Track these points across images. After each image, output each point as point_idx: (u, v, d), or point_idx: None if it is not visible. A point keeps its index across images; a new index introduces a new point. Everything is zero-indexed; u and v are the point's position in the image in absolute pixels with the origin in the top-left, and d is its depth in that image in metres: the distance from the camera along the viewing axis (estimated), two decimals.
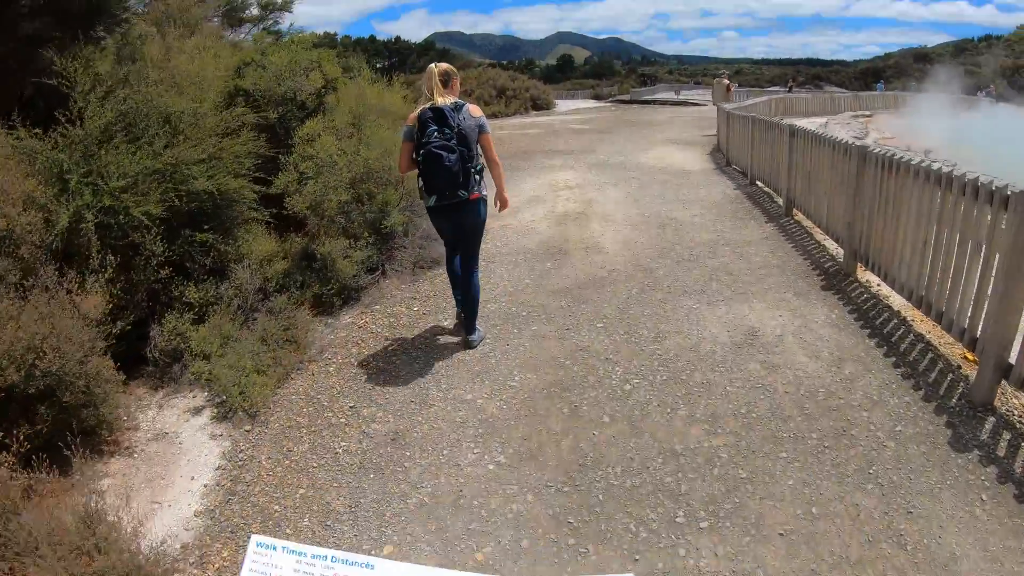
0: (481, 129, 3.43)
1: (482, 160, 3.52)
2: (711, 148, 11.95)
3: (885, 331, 3.83)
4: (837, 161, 5.01)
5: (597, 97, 48.18)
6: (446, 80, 3.39)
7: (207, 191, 3.99)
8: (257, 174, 4.55)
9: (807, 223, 6.11)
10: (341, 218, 5.17)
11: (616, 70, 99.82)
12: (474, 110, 3.42)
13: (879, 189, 4.25)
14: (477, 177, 3.45)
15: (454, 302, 4.23)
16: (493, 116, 26.09)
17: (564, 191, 8.28)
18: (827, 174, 5.25)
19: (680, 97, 37.95)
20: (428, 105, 3.30)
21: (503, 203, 3.79)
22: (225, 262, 4.29)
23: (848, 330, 3.89)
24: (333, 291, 4.73)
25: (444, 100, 3.32)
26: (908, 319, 3.93)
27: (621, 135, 14.93)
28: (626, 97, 42.74)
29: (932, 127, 20.34)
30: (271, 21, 10.22)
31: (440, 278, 5.11)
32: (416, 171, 3.47)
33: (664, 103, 33.57)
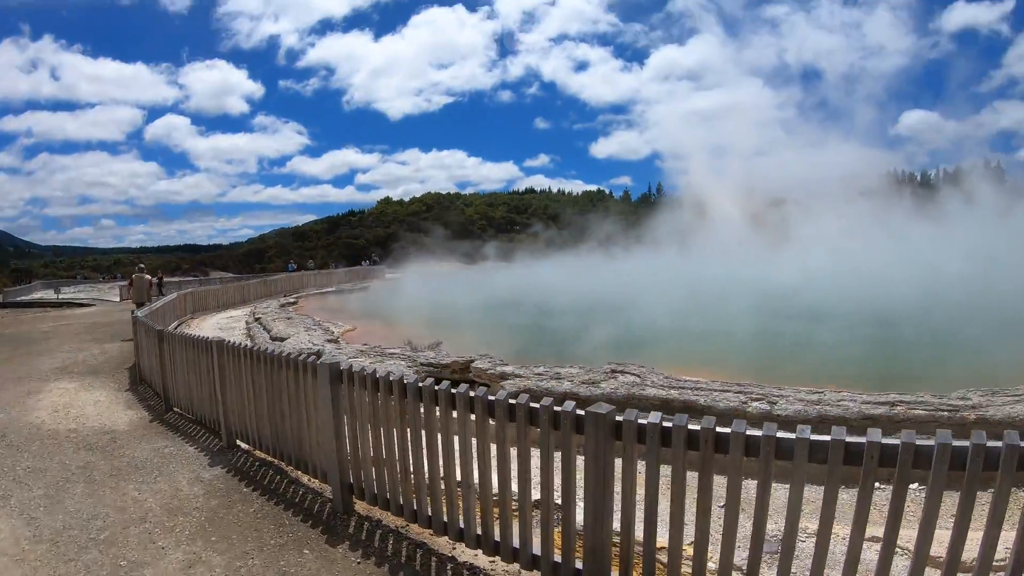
0: None
1: None
2: (128, 375, 7.84)
3: None
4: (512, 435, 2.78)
5: None
6: None
7: None
8: None
9: (393, 520, 3.51)
10: None
11: None
12: None
13: None
14: None
15: None
16: None
17: None
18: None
19: (61, 297, 30.56)
20: None
21: None
22: None
23: None
24: None
25: None
26: None
27: None
28: None
29: (388, 304, 19.51)
30: None
31: None
32: None
33: (44, 306, 25.68)
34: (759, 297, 17.25)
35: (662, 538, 2.30)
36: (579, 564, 2.53)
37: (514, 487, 2.75)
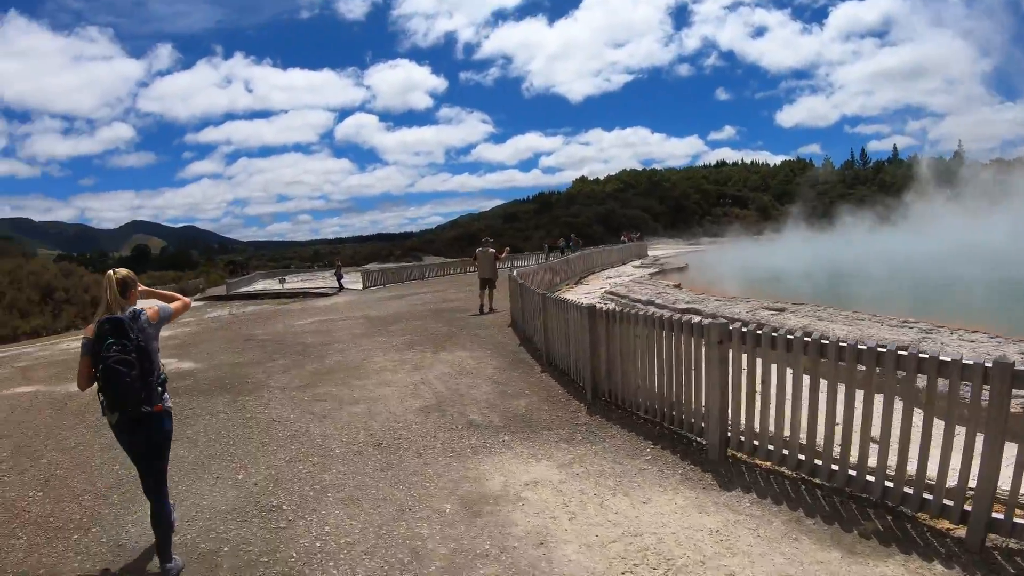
0: (162, 318, 3.16)
1: (164, 371, 3.15)
2: (520, 370, 5.23)
3: None
4: None
5: (184, 292, 36.79)
6: (124, 288, 3.04)
7: None
8: None
9: None
10: None
11: (195, 260, 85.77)
12: (151, 313, 3.10)
13: None
14: (160, 390, 3.05)
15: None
16: (35, 334, 17.31)
17: None
18: None
19: (288, 287, 30.34)
20: (105, 316, 2.95)
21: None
22: None
23: None
24: None
25: (122, 310, 2.97)
26: None
27: (278, 392, 6.83)
28: (222, 291, 32.83)
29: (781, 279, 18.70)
30: None
31: None
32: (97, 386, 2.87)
33: (279, 297, 25.46)
34: None
35: None
36: None
37: None
